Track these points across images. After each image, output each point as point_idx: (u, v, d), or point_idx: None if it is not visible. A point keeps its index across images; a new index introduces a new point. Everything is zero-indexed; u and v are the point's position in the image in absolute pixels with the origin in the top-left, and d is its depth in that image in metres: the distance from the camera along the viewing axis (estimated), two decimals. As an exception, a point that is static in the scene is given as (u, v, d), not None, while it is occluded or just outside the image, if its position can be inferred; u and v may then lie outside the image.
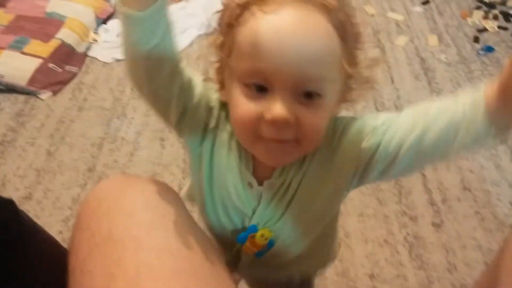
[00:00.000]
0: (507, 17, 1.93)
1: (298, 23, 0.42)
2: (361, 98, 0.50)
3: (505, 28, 1.87)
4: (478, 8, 1.98)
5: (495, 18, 1.93)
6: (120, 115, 1.49)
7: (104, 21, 1.84)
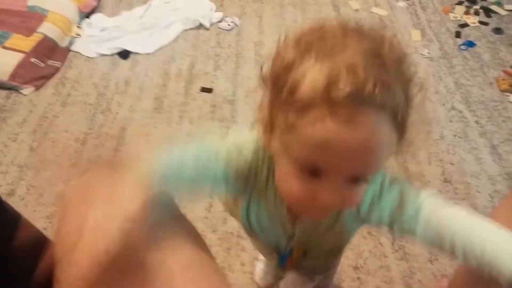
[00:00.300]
0: (488, 12, 1.97)
1: (367, 137, 0.42)
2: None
3: (485, 23, 1.91)
4: (460, 3, 2.01)
5: (476, 13, 1.96)
6: (104, 110, 1.48)
7: (88, 15, 1.82)
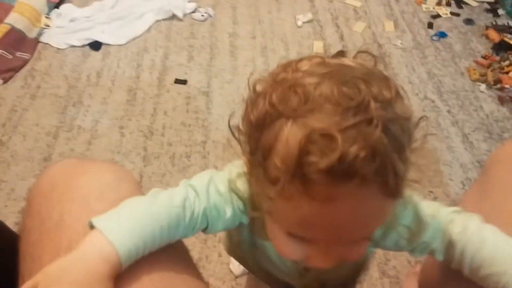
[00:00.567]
0: (459, 3, 2.00)
1: (351, 213, 0.37)
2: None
3: (457, 14, 1.94)
4: (432, -6, 2.04)
5: (448, 4, 1.99)
6: (76, 103, 1.44)
7: (57, 5, 1.77)
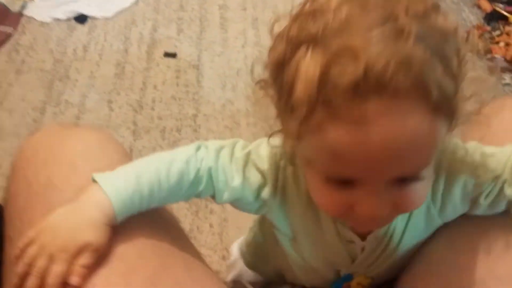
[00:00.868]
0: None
1: (390, 135, 0.33)
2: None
3: None
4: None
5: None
6: (62, 77, 1.42)
7: (40, -23, 1.72)
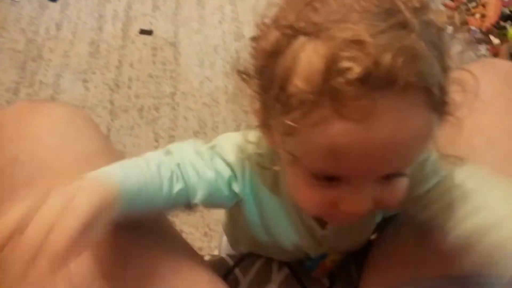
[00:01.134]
0: None
1: (392, 132, 0.32)
2: None
3: None
4: None
5: None
6: (35, 57, 1.38)
7: (8, -46, 1.66)
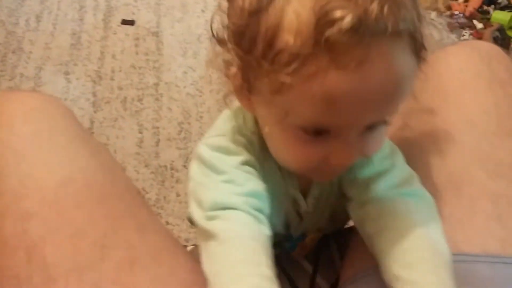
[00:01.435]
0: None
1: (385, 77, 0.33)
2: None
3: None
4: None
5: None
6: (15, 50, 1.37)
7: None
